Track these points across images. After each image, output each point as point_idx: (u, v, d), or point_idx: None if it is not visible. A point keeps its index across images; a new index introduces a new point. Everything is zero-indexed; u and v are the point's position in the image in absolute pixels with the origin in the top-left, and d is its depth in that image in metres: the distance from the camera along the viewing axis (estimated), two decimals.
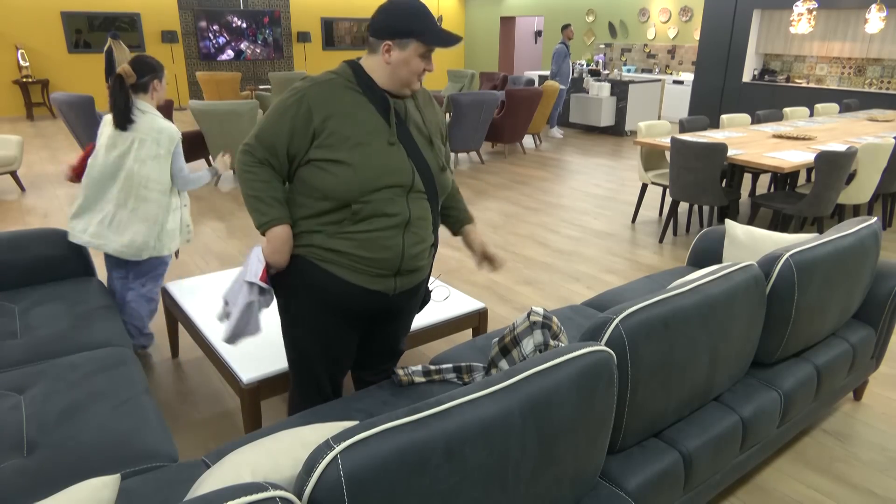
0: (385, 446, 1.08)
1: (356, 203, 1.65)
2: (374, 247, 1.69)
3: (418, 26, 1.62)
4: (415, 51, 1.65)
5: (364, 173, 1.63)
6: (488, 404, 1.21)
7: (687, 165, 4.58)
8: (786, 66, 10.15)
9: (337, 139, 1.64)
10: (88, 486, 1.03)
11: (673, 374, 1.68)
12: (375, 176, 1.64)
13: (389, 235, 1.70)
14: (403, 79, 1.69)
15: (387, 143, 1.67)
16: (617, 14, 12.53)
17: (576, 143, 9.38)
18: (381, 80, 1.70)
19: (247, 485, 0.99)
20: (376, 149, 1.65)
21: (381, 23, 1.64)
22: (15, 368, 2.09)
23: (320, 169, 1.65)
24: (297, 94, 1.66)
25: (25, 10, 10.77)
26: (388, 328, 1.98)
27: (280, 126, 1.67)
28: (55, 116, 11.28)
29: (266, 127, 1.69)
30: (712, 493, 1.93)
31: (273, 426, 1.74)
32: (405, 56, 1.65)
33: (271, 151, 1.69)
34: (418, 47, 1.64)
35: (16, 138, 6.05)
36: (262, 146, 1.69)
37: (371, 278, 1.74)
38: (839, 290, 2.22)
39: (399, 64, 1.66)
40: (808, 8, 6.15)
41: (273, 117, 1.69)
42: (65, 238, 2.80)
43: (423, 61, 1.67)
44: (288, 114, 1.66)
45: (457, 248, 4.76)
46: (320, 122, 1.64)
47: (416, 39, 1.63)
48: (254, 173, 1.70)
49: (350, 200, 1.65)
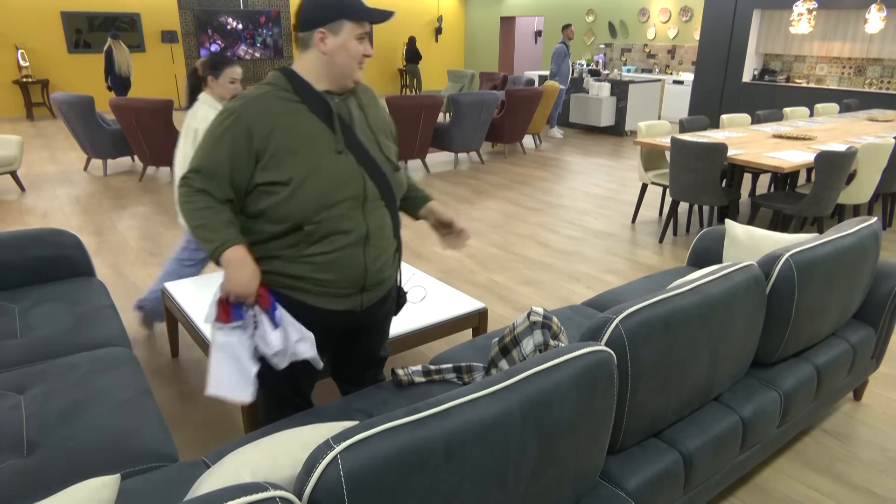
0: (385, 446, 1.08)
1: (309, 224, 1.57)
2: (334, 268, 1.63)
3: (348, 5, 1.56)
4: (350, 32, 1.57)
5: (314, 189, 1.55)
6: (488, 404, 1.21)
7: (687, 165, 4.58)
8: (786, 66, 10.15)
9: (281, 157, 1.55)
10: (88, 486, 1.03)
11: (673, 374, 1.68)
12: (326, 191, 1.56)
13: (349, 254, 1.63)
14: (344, 68, 1.60)
15: (334, 153, 1.59)
16: (617, 14, 12.53)
17: (576, 143, 9.38)
18: (320, 77, 1.62)
19: (247, 485, 0.99)
20: (324, 161, 1.57)
21: (308, 13, 1.57)
22: (15, 368, 2.09)
23: (268, 193, 1.57)
24: (232, 115, 1.55)
25: (25, 10, 10.77)
26: (363, 340, 1.92)
27: (218, 153, 1.55)
28: (55, 116, 11.28)
29: (203, 156, 1.58)
30: (712, 493, 1.93)
31: (273, 426, 1.74)
32: (341, 40, 1.57)
33: (212, 182, 1.57)
34: (352, 27, 1.57)
35: (16, 138, 6.05)
36: (202, 177, 1.57)
37: (336, 299, 1.68)
38: (839, 290, 2.22)
39: (336, 51, 1.58)
40: (808, 8, 6.15)
41: (209, 145, 1.57)
42: (65, 238, 2.80)
43: (360, 43, 1.60)
44: (225, 138, 1.55)
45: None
46: (262, 140, 1.55)
47: (348, 19, 1.56)
48: (194, 202, 1.57)
49: (302, 222, 1.57)
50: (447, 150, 7.60)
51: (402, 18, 15.09)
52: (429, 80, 16.03)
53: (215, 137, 1.56)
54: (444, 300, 2.73)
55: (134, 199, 6.03)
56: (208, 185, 1.57)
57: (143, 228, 5.15)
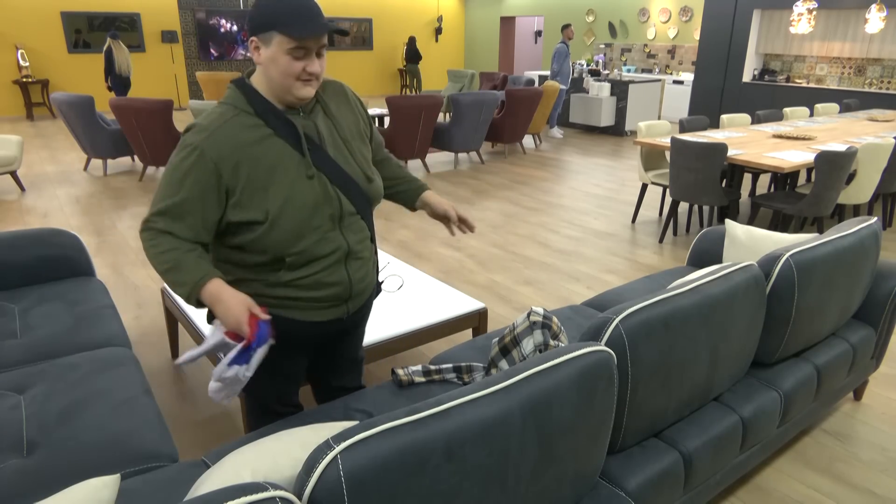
0: (385, 446, 1.08)
1: (289, 256, 1.51)
2: (318, 286, 1.58)
3: (281, 15, 1.39)
4: (279, 46, 1.41)
5: (290, 221, 1.47)
6: (488, 404, 1.21)
7: (687, 165, 4.58)
8: (786, 66, 10.15)
9: (252, 193, 1.45)
10: (88, 486, 1.03)
11: (673, 374, 1.68)
12: (303, 220, 1.49)
13: (332, 272, 1.58)
14: (280, 84, 1.45)
15: (306, 178, 1.50)
16: (617, 14, 12.53)
17: (576, 143, 9.38)
18: (266, 92, 1.49)
19: (247, 485, 0.99)
20: (297, 189, 1.48)
21: (250, 17, 1.43)
22: (15, 368, 2.08)
23: (243, 229, 1.49)
24: (194, 151, 1.42)
25: (25, 10, 10.77)
26: (346, 341, 1.89)
27: (185, 194, 1.42)
28: (55, 116, 11.28)
29: (166, 197, 1.43)
30: (712, 493, 1.93)
31: (273, 426, 1.74)
32: (271, 53, 1.42)
33: (180, 225, 1.44)
34: (283, 41, 1.40)
35: (16, 138, 6.05)
36: (167, 220, 1.44)
37: (322, 311, 1.64)
38: (839, 290, 2.22)
39: (268, 63, 1.44)
40: (808, 8, 6.15)
41: (173, 186, 1.43)
42: (65, 238, 2.80)
43: (294, 59, 1.42)
44: (190, 178, 1.42)
45: (457, 249, 4.76)
46: (230, 175, 1.44)
47: (277, 31, 1.40)
48: (158, 245, 1.44)
49: (283, 254, 1.50)
50: (447, 150, 7.60)
51: (402, 18, 15.10)
52: (429, 80, 16.03)
53: (179, 176, 1.43)
54: (444, 300, 2.73)
55: (134, 199, 6.03)
56: (174, 227, 1.44)
57: None
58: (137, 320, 3.48)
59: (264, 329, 1.47)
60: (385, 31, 14.90)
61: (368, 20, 14.52)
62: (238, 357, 1.46)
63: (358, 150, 1.65)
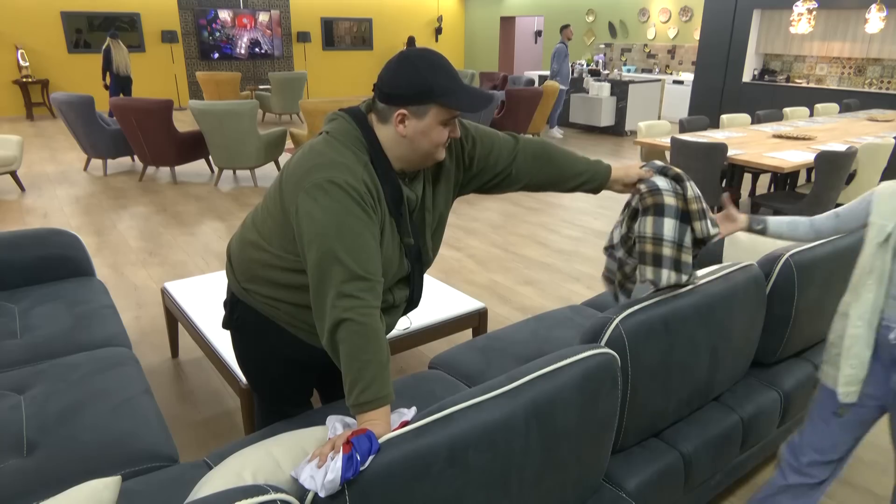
0: (389, 453, 1.08)
1: None
2: None
3: (438, 87, 1.31)
4: (435, 117, 1.34)
5: None
6: (492, 408, 1.21)
7: (687, 165, 4.58)
8: (786, 66, 10.15)
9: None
10: (89, 487, 1.03)
11: (673, 374, 1.68)
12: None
13: None
14: (424, 152, 1.39)
15: (398, 244, 1.44)
16: (617, 14, 12.52)
17: (576, 143, 9.38)
18: (395, 155, 1.40)
19: (248, 487, 0.99)
20: (386, 254, 1.41)
21: (391, 86, 1.33)
22: (15, 368, 2.08)
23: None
24: (345, 189, 1.28)
25: (25, 10, 10.77)
26: None
27: (367, 239, 1.29)
28: (55, 116, 11.27)
29: (356, 252, 1.27)
30: (712, 493, 1.93)
31: (273, 427, 1.74)
32: (424, 126, 1.34)
33: (379, 285, 1.31)
34: (439, 112, 1.34)
35: (16, 138, 6.05)
36: (371, 284, 1.28)
37: None
38: (839, 290, 2.22)
39: (416, 136, 1.35)
40: (808, 8, 6.15)
41: (352, 233, 1.27)
42: (65, 238, 2.80)
43: (445, 129, 1.37)
44: (362, 221, 1.29)
45: (457, 249, 4.77)
46: (377, 213, 1.36)
47: (436, 104, 1.33)
48: (371, 326, 1.26)
49: None
50: None
51: (402, 18, 15.09)
52: None
53: (350, 223, 1.28)
54: (444, 300, 2.73)
55: (134, 199, 6.03)
56: (375, 293, 1.28)
57: (143, 228, 5.15)
58: (137, 320, 3.48)
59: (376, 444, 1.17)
60: (385, 31, 14.90)
61: (368, 20, 14.51)
62: (346, 468, 1.11)
63: (437, 223, 1.57)
